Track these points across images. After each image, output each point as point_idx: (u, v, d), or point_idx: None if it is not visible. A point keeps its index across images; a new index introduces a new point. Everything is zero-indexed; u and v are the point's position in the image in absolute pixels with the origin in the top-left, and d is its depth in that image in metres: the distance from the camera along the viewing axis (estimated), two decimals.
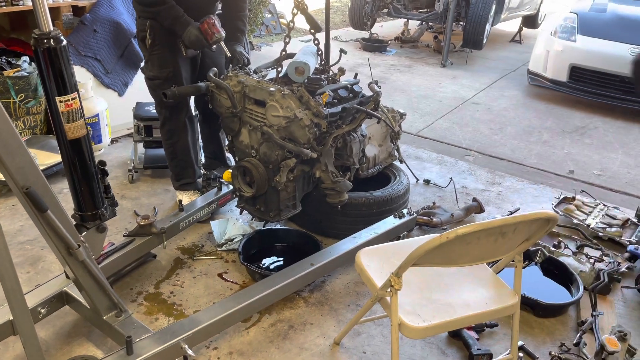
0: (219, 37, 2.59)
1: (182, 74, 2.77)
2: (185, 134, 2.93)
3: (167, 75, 2.73)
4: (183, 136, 2.92)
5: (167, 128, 2.90)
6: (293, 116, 2.30)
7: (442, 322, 1.70)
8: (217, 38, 2.58)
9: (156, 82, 2.76)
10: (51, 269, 2.53)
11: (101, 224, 1.97)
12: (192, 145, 2.99)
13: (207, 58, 2.91)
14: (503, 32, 8.71)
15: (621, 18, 5.44)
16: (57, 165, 3.25)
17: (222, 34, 2.60)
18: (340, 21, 9.24)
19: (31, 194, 1.53)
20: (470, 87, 5.89)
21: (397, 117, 3.29)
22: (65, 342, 2.12)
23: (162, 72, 2.74)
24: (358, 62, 6.39)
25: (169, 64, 2.73)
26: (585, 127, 4.88)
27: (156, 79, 2.76)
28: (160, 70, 2.74)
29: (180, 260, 2.66)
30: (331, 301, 2.43)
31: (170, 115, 2.86)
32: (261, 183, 2.47)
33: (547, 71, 5.48)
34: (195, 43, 2.59)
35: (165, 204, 3.14)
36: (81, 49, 3.76)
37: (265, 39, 7.44)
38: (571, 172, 3.95)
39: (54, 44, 1.62)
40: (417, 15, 7.55)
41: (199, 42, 2.59)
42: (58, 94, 1.68)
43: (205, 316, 2.02)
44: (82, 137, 1.79)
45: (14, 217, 2.92)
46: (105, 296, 1.95)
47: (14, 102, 3.39)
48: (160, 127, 2.95)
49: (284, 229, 2.84)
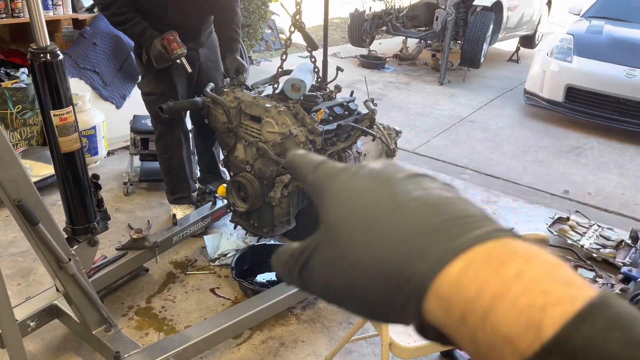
0: (179, 53, 2.58)
1: (177, 90, 2.79)
2: (180, 148, 2.94)
3: (162, 91, 2.75)
4: (178, 151, 2.93)
5: (162, 143, 2.92)
6: (288, 132, 2.31)
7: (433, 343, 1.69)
8: (177, 54, 2.58)
9: (152, 97, 2.78)
10: (42, 281, 2.51)
11: (93, 237, 1.96)
12: (187, 160, 3.00)
13: (203, 74, 2.92)
14: (501, 52, 8.79)
15: (617, 40, 5.51)
16: (52, 177, 3.24)
17: (183, 50, 2.59)
18: (339, 37, 9.32)
19: (23, 206, 1.53)
20: (467, 106, 5.92)
21: (393, 134, 3.29)
22: (54, 355, 2.10)
23: (157, 87, 2.76)
24: (356, 78, 6.43)
25: (165, 80, 2.75)
26: (580, 147, 4.91)
27: (152, 94, 2.78)
28: (156, 86, 2.76)
29: (173, 275, 2.65)
30: (323, 319, 2.42)
31: (166, 131, 2.87)
32: (255, 198, 2.47)
33: (544, 91, 5.52)
34: (159, 58, 2.59)
35: (160, 218, 3.14)
36: (80, 61, 3.78)
37: (264, 54, 7.49)
38: (566, 192, 3.95)
39: (50, 59, 1.64)
40: (416, 34, 7.63)
41: (162, 57, 2.58)
42: (53, 107, 1.69)
43: (196, 332, 2.01)
44: (75, 150, 1.79)
45: (6, 229, 2.90)
46: (94, 310, 1.93)
47: (11, 113, 3.40)
48: (156, 142, 2.96)
49: (277, 245, 2.83)
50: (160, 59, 2.60)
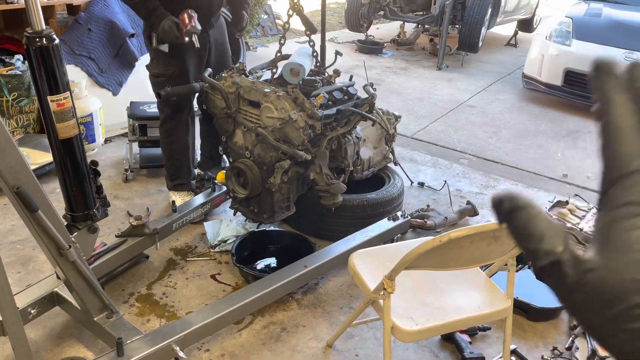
0: (193, 30, 2.56)
1: (189, 72, 2.76)
2: (185, 133, 2.92)
3: (172, 73, 2.73)
4: (182, 136, 2.92)
5: (167, 127, 2.90)
6: (287, 118, 2.29)
7: (434, 326, 1.70)
8: (191, 30, 2.56)
9: (160, 79, 2.75)
10: (42, 269, 2.51)
11: (92, 224, 1.95)
12: (190, 146, 2.99)
13: (213, 56, 2.89)
14: (499, 36, 8.73)
15: (616, 23, 5.47)
16: (49, 164, 3.22)
17: (198, 28, 2.57)
18: (336, 23, 9.24)
19: (22, 193, 1.52)
20: (466, 90, 5.90)
21: (392, 119, 3.28)
22: (56, 343, 2.10)
23: (167, 69, 2.73)
24: (354, 64, 6.39)
25: (175, 62, 2.72)
26: (579, 131, 4.90)
27: (161, 76, 2.75)
28: (166, 68, 2.73)
29: (173, 262, 2.64)
30: (324, 303, 2.42)
31: (172, 114, 2.86)
32: (255, 184, 2.46)
33: (542, 75, 5.49)
34: (168, 32, 2.54)
35: (159, 205, 3.13)
36: (75, 47, 3.74)
37: (261, 40, 7.42)
38: (565, 176, 3.95)
39: (46, 43, 1.61)
40: (414, 18, 7.56)
41: (172, 32, 2.54)
42: (50, 93, 1.67)
43: (197, 318, 2.01)
44: (74, 136, 1.78)
45: (5, 217, 2.89)
46: (96, 297, 1.93)
47: (6, 101, 3.37)
48: (160, 125, 2.94)
49: (277, 231, 2.83)
50: (168, 34, 2.55)
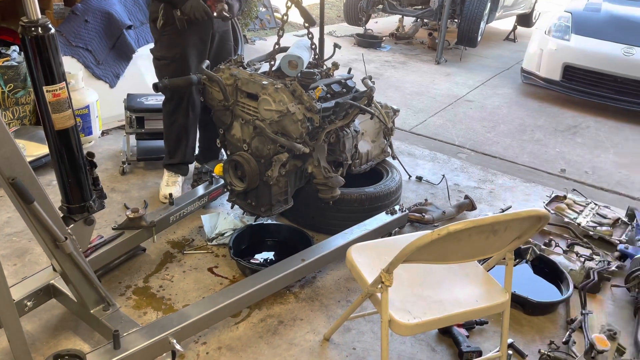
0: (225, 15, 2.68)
1: (189, 57, 2.80)
2: (184, 117, 2.97)
3: (174, 56, 2.77)
4: (181, 119, 2.97)
5: (168, 108, 2.98)
6: (286, 110, 2.28)
7: (432, 319, 1.70)
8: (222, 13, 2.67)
9: (163, 62, 2.81)
10: (38, 261, 2.50)
11: (89, 216, 1.94)
12: (190, 130, 3.04)
13: (216, 43, 2.93)
14: (497, 30, 8.71)
15: (615, 18, 5.46)
16: (45, 156, 3.21)
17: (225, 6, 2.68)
18: (335, 16, 9.21)
19: (17, 184, 1.51)
20: (464, 85, 5.89)
21: (391, 113, 3.27)
22: (52, 335, 2.10)
23: (170, 52, 2.77)
24: (352, 57, 6.37)
25: (179, 45, 2.76)
26: (577, 126, 4.90)
27: (164, 59, 2.80)
28: (169, 51, 2.77)
29: (170, 254, 2.63)
30: (321, 297, 2.42)
31: (172, 97, 2.91)
32: (253, 177, 2.45)
33: (541, 70, 5.48)
34: (196, 7, 2.60)
35: (156, 197, 3.11)
36: (72, 39, 3.71)
37: (259, 33, 7.39)
38: (563, 171, 3.95)
39: (42, 32, 1.59)
40: (412, 12, 7.53)
41: (199, 6, 2.60)
42: (45, 83, 1.65)
43: (194, 311, 2.00)
44: (70, 127, 1.75)
45: (1, 209, 2.87)
46: (92, 289, 1.92)
47: (2, 92, 3.34)
48: (163, 105, 3.01)
49: (275, 224, 2.82)
50: (197, 9, 2.60)
